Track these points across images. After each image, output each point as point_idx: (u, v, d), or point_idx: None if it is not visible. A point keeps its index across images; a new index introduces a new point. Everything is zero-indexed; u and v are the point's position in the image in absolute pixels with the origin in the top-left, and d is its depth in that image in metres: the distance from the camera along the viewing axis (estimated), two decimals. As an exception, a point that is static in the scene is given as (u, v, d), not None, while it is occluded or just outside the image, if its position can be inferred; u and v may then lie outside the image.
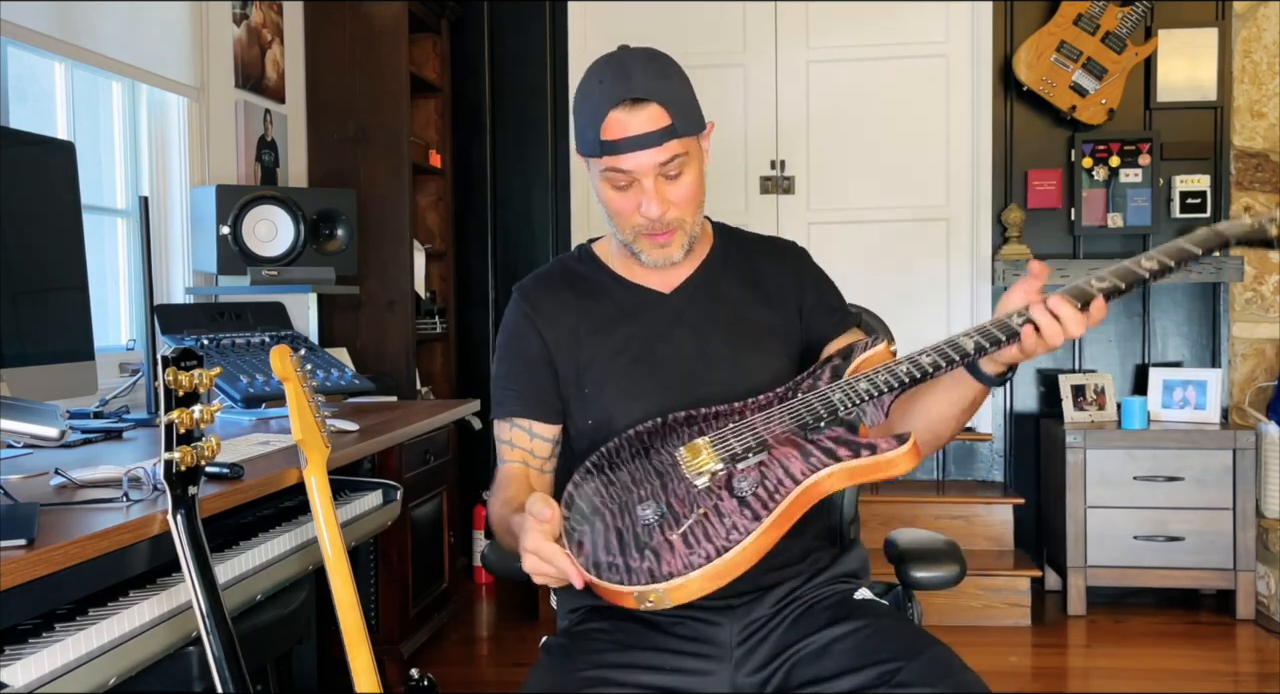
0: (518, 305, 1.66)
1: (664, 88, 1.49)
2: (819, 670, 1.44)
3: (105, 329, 2.98)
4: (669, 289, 1.63)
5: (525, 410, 1.62)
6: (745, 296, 1.64)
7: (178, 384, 1.34)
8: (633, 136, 1.47)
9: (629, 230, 1.55)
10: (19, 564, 1.20)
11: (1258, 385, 4.11)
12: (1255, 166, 4.09)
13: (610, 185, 1.52)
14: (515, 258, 4.49)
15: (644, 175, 1.50)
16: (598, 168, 1.52)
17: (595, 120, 1.49)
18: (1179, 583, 3.78)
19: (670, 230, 1.54)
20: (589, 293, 1.65)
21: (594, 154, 1.51)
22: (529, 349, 1.62)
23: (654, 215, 1.51)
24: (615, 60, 1.52)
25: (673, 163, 1.50)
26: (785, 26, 4.32)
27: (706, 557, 1.29)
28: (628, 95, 1.47)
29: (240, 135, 3.48)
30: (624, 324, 1.61)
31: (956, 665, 1.39)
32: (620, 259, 1.66)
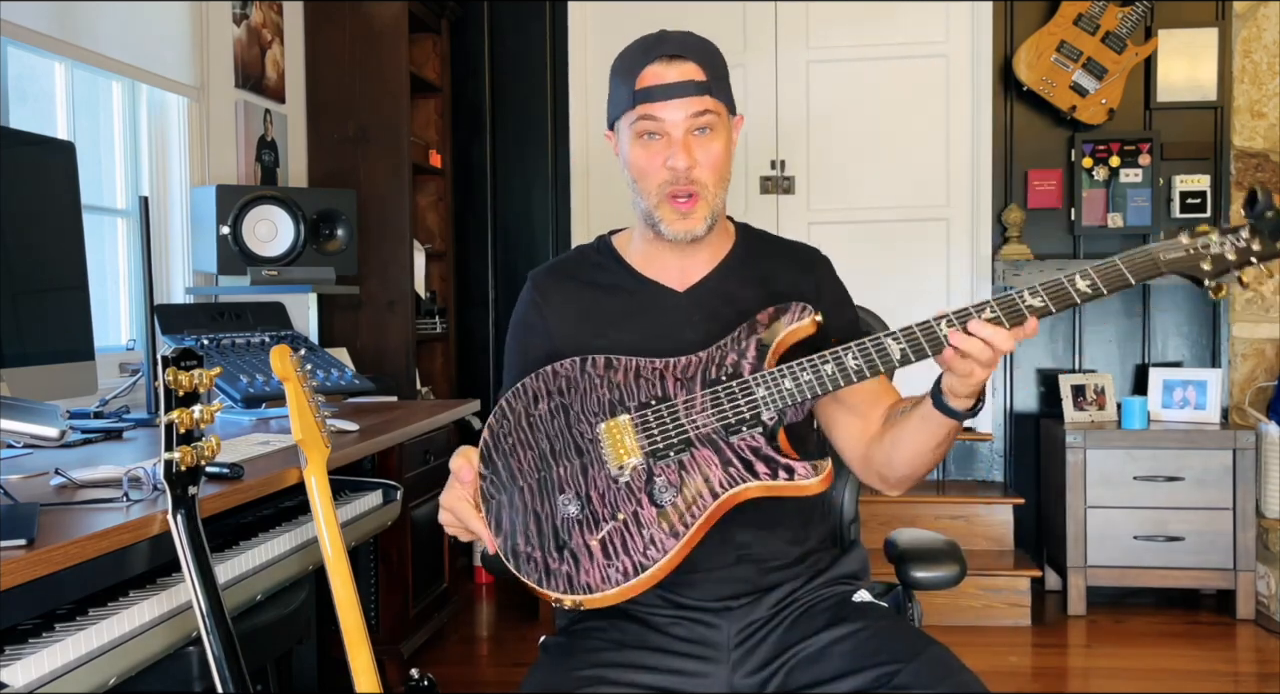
0: (529, 293, 1.66)
1: (702, 50, 1.52)
2: (818, 673, 1.44)
3: (105, 329, 2.98)
4: (683, 288, 1.60)
5: None
6: (756, 295, 1.60)
7: (178, 384, 1.34)
8: (668, 84, 1.48)
9: (654, 191, 1.51)
10: (19, 564, 1.20)
11: (1258, 385, 4.11)
12: (1255, 167, 4.09)
13: (639, 139, 1.51)
14: (515, 258, 4.49)
15: (675, 128, 1.49)
16: (628, 124, 1.51)
17: (630, 76, 1.50)
18: (1179, 583, 3.78)
19: (694, 193, 1.51)
20: (601, 285, 1.63)
21: (626, 107, 1.50)
22: (534, 338, 1.62)
23: (681, 166, 1.49)
24: (652, 34, 1.56)
25: (704, 117, 1.49)
26: (785, 26, 4.32)
27: (624, 572, 1.35)
28: (665, 51, 1.50)
29: (240, 135, 3.48)
30: (633, 319, 1.59)
31: (955, 666, 1.38)
32: (639, 251, 1.63)
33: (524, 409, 1.47)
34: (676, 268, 1.60)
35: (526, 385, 1.48)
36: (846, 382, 1.38)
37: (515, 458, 1.44)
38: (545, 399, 1.47)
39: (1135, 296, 4.16)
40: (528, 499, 1.41)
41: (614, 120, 1.56)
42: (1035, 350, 4.24)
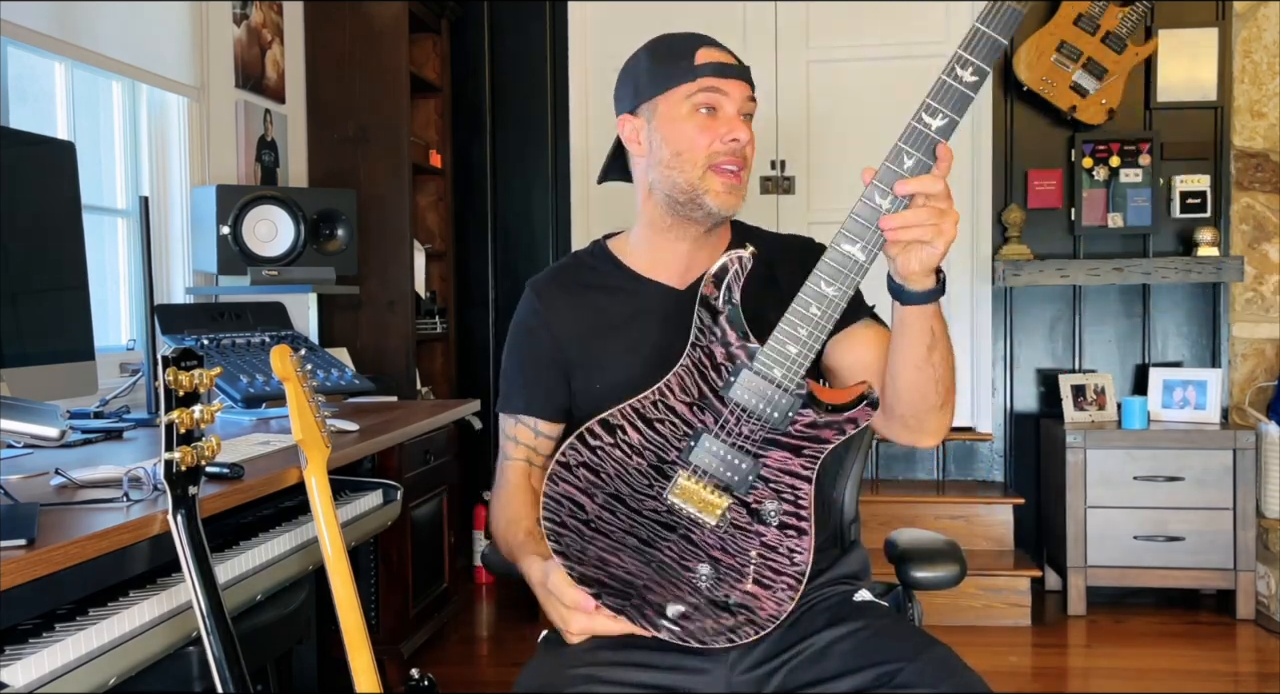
0: (530, 301, 1.65)
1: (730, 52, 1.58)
2: (819, 672, 1.44)
3: (105, 329, 2.99)
4: (684, 286, 1.60)
5: (531, 407, 1.63)
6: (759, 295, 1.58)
7: (178, 384, 1.34)
8: (731, 64, 1.53)
9: (701, 163, 1.52)
10: (19, 564, 1.20)
11: (1258, 385, 4.11)
12: (1255, 166, 4.09)
13: (694, 111, 1.51)
14: (515, 258, 4.49)
15: (733, 103, 1.52)
16: (684, 95, 1.52)
17: (683, 54, 1.53)
18: (1179, 583, 3.78)
19: (743, 165, 1.54)
20: (602, 289, 1.63)
21: (683, 80, 1.51)
22: (538, 345, 1.62)
23: (744, 138, 1.52)
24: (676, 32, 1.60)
25: (751, 104, 1.54)
26: (785, 27, 4.32)
27: (790, 587, 1.39)
28: (712, 42, 1.55)
29: (240, 135, 3.48)
30: (636, 321, 1.60)
31: (958, 666, 1.38)
32: (639, 252, 1.64)
33: (580, 523, 1.43)
34: (677, 267, 1.61)
35: (559, 497, 1.43)
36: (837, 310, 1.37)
37: (618, 567, 1.42)
38: (590, 500, 1.42)
39: (1135, 296, 4.16)
40: (664, 593, 1.41)
41: (651, 98, 1.55)
42: (1035, 351, 4.24)
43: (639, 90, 1.57)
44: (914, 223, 1.32)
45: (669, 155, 1.54)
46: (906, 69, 4.26)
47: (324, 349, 3.02)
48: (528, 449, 1.63)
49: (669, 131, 1.53)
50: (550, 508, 1.43)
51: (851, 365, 1.56)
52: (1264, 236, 4.10)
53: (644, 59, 1.57)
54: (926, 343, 1.41)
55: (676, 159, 1.53)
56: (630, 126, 1.58)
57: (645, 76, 1.56)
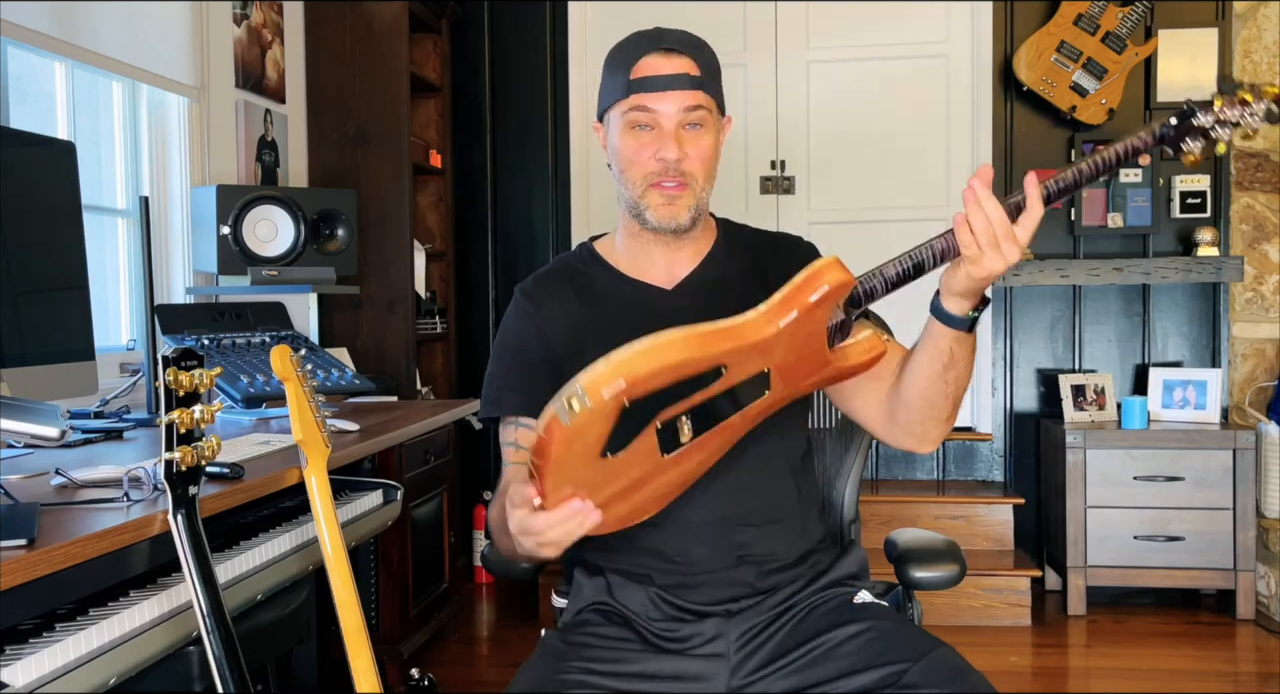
0: (519, 304, 1.64)
1: (697, 47, 1.53)
2: (821, 674, 1.43)
3: (105, 329, 2.98)
4: (671, 285, 1.61)
5: (530, 409, 1.56)
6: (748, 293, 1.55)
7: (178, 384, 1.34)
8: (663, 76, 1.49)
9: (640, 180, 1.52)
10: (19, 564, 1.20)
11: (1258, 385, 4.11)
12: (1255, 166, 4.09)
13: (629, 129, 1.51)
14: (515, 258, 4.49)
15: (667, 119, 1.50)
16: (620, 113, 1.52)
17: (625, 65, 1.51)
18: (1179, 583, 3.78)
19: (682, 182, 1.52)
20: (591, 291, 1.63)
21: (620, 96, 1.51)
22: (530, 348, 1.60)
23: (671, 157, 1.50)
24: (649, 29, 1.57)
25: (696, 112, 1.50)
26: (785, 26, 4.32)
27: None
28: (661, 44, 1.51)
29: (240, 135, 3.48)
30: (627, 323, 1.56)
31: (964, 667, 1.38)
32: (624, 253, 1.63)
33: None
34: (663, 266, 1.61)
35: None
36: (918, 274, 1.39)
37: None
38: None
39: (1135, 296, 4.16)
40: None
41: (604, 110, 1.56)
42: (1035, 350, 4.24)
43: (600, 98, 1.58)
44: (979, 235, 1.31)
45: (618, 170, 1.56)
46: (906, 69, 4.27)
47: (324, 349, 3.02)
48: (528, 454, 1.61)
49: (615, 146, 1.55)
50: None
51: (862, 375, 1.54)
52: (1264, 236, 4.10)
53: (605, 65, 1.57)
54: (943, 361, 1.41)
55: (623, 175, 1.55)
56: (600, 134, 1.61)
57: (601, 86, 1.57)
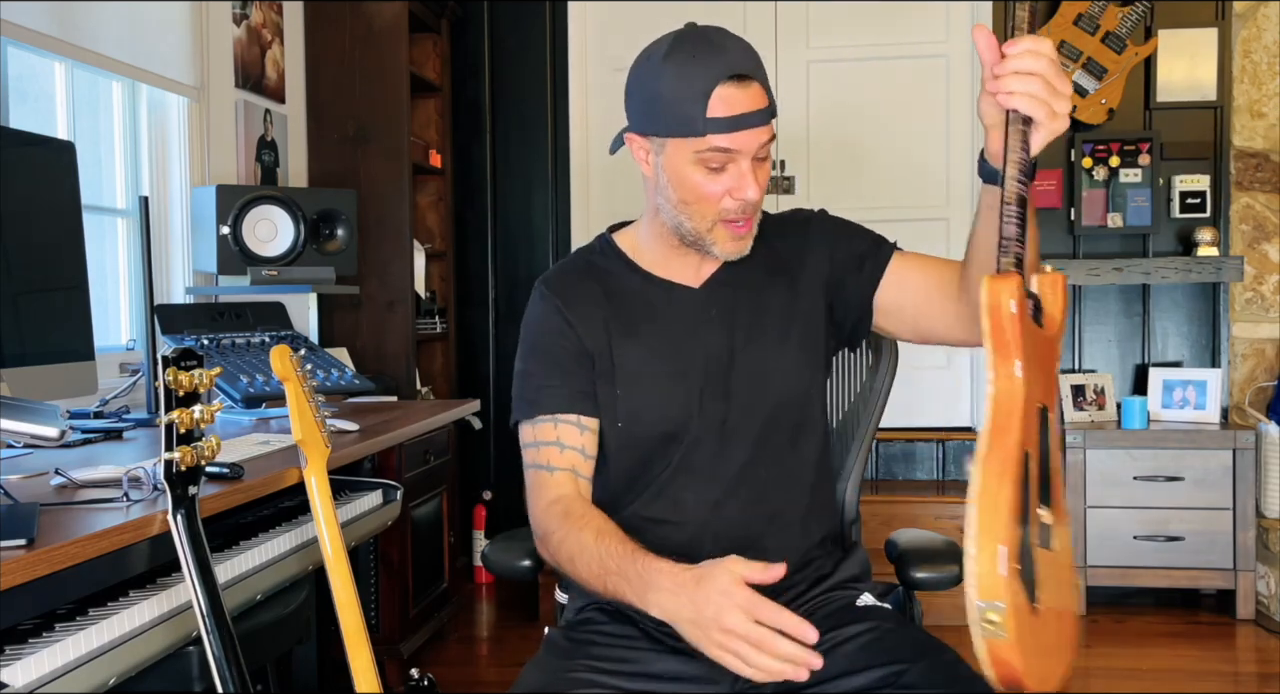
0: (546, 299, 1.59)
1: (759, 66, 1.45)
2: (822, 673, 1.43)
3: (105, 329, 2.98)
4: (699, 283, 1.57)
5: (574, 404, 1.53)
6: (770, 284, 1.58)
7: (178, 384, 1.34)
8: (744, 114, 1.40)
9: (710, 217, 1.46)
10: (19, 564, 1.20)
11: (1258, 385, 4.11)
12: (1255, 166, 4.09)
13: (703, 167, 1.43)
14: (515, 258, 4.49)
15: (746, 157, 1.42)
16: (689, 148, 1.42)
17: (698, 96, 1.39)
18: (1179, 583, 3.78)
19: (750, 217, 1.48)
20: (616, 288, 1.58)
21: (695, 133, 1.40)
22: (564, 343, 1.55)
23: (753, 198, 1.44)
24: (701, 36, 1.44)
25: (768, 144, 1.45)
26: (785, 26, 4.32)
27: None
28: (733, 70, 1.40)
29: (240, 135, 3.48)
30: (653, 321, 1.56)
31: (965, 669, 1.37)
32: (651, 251, 1.59)
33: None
34: (691, 265, 1.57)
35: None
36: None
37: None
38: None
39: (1135, 296, 4.16)
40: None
41: (661, 136, 1.45)
42: (1035, 350, 4.23)
43: (649, 117, 1.46)
44: (1020, 89, 1.16)
45: (676, 199, 1.47)
46: (906, 69, 4.26)
47: (324, 349, 3.02)
48: (575, 453, 1.52)
49: (676, 177, 1.46)
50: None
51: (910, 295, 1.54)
52: (1264, 236, 4.10)
53: (660, 82, 1.43)
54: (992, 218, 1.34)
55: (684, 206, 1.47)
56: (638, 146, 1.50)
57: (657, 107, 1.44)
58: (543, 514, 1.52)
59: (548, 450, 1.53)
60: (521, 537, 1.70)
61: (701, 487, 1.53)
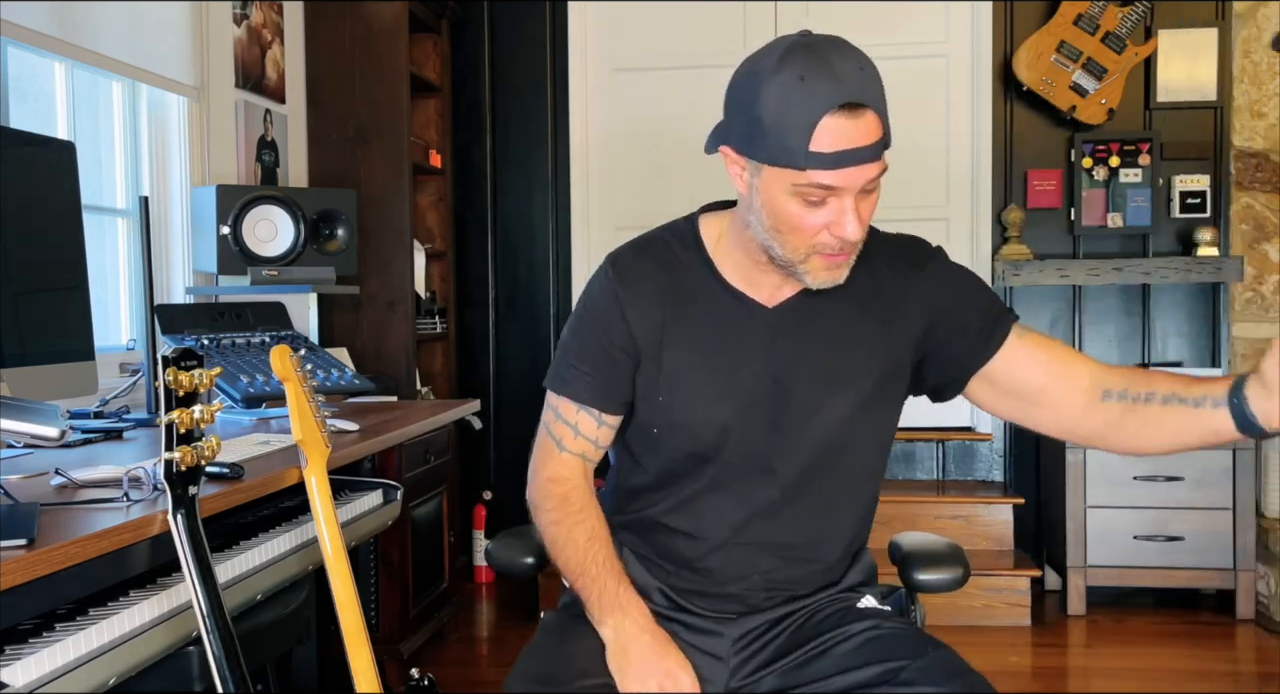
0: (609, 281, 1.49)
1: (877, 92, 1.32)
2: (817, 671, 1.43)
3: (105, 329, 2.98)
4: (773, 304, 1.47)
5: (599, 399, 1.49)
6: (853, 319, 1.47)
7: (178, 384, 1.34)
8: (852, 150, 1.28)
9: (804, 248, 1.36)
10: (19, 564, 1.20)
11: (1258, 385, 4.10)
12: (1255, 166, 4.09)
13: (802, 200, 1.32)
14: (515, 258, 4.49)
15: (849, 193, 1.32)
16: (788, 179, 1.31)
17: (802, 125, 1.27)
18: (1179, 583, 3.78)
19: (850, 251, 1.38)
20: (684, 287, 1.48)
21: (795, 166, 1.29)
22: (611, 332, 1.47)
23: (854, 237, 1.34)
24: (814, 53, 1.32)
25: (877, 178, 1.34)
26: (785, 26, 4.31)
27: None
28: (844, 98, 1.28)
29: (240, 135, 3.48)
30: (715, 334, 1.46)
31: (962, 667, 1.38)
32: (732, 259, 1.47)
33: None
34: (771, 283, 1.46)
35: None
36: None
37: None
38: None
39: (1135, 296, 4.16)
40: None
41: (756, 158, 1.33)
42: (1035, 350, 4.23)
43: (747, 138, 1.34)
44: None
45: (769, 224, 1.37)
46: (906, 69, 4.26)
47: (324, 349, 3.01)
48: (587, 442, 1.51)
49: (771, 205, 1.35)
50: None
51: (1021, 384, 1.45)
52: (1264, 236, 4.09)
53: (762, 103, 1.30)
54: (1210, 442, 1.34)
55: (776, 234, 1.37)
56: (733, 161, 1.39)
57: (757, 129, 1.31)
58: (542, 486, 1.54)
59: (564, 428, 1.52)
60: (524, 535, 1.70)
61: (727, 510, 1.48)
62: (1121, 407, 1.38)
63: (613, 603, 1.44)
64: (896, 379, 1.50)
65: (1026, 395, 1.46)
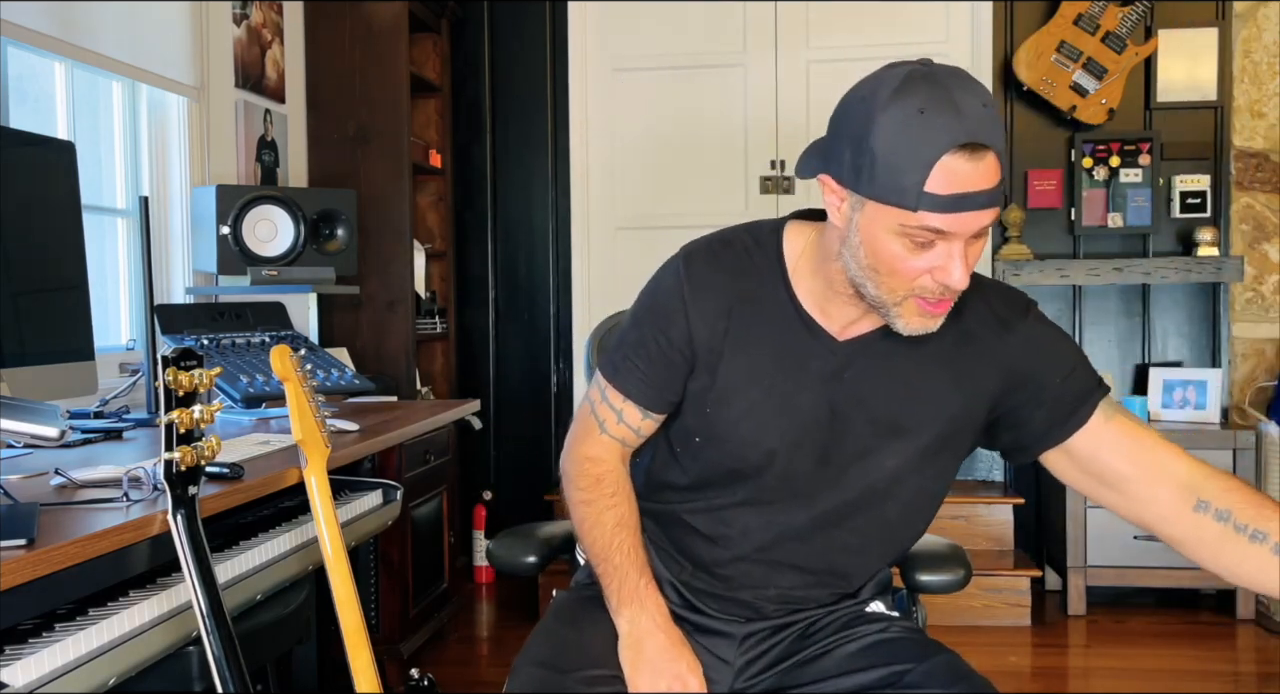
0: (678, 279, 1.41)
1: (999, 133, 1.24)
2: (823, 671, 1.43)
3: (105, 329, 2.98)
4: (843, 337, 1.39)
5: (647, 397, 1.44)
6: (926, 367, 1.38)
7: (178, 384, 1.34)
8: (971, 194, 1.20)
9: (903, 291, 1.27)
10: (19, 564, 1.20)
11: (1258, 385, 4.10)
12: (1255, 166, 4.09)
13: (908, 241, 1.23)
14: (515, 258, 4.49)
15: (959, 238, 1.22)
16: (895, 219, 1.22)
17: (919, 163, 1.18)
18: (1179, 583, 3.78)
19: (951, 298, 1.29)
20: (755, 302, 1.40)
21: (906, 206, 1.20)
22: (671, 333, 1.41)
23: (959, 286, 1.24)
24: (936, 85, 1.21)
25: (989, 227, 1.25)
26: (785, 26, 4.32)
27: None
28: (967, 137, 1.19)
29: (240, 135, 3.48)
30: (777, 357, 1.39)
31: (967, 671, 1.38)
32: (809, 283, 1.39)
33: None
34: (848, 315, 1.38)
35: None
36: None
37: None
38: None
39: (1135, 296, 4.16)
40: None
41: (861, 192, 1.24)
42: (1035, 350, 4.23)
43: (855, 169, 1.24)
44: None
45: (867, 263, 1.28)
46: (906, 69, 4.26)
47: (324, 349, 3.02)
48: (629, 430, 1.47)
49: (871, 244, 1.26)
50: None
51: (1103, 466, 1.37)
52: (1264, 236, 4.09)
53: (876, 133, 1.21)
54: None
55: (873, 274, 1.28)
56: (832, 190, 1.30)
57: (867, 161, 1.22)
58: (577, 462, 1.51)
59: (608, 411, 1.47)
60: (526, 534, 1.70)
61: (755, 526, 1.44)
62: (1218, 529, 1.29)
63: (632, 595, 1.43)
64: (962, 435, 1.43)
65: (1108, 481, 1.37)
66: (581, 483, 1.49)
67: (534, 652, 1.46)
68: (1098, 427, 1.36)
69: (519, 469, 4.43)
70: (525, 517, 1.59)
